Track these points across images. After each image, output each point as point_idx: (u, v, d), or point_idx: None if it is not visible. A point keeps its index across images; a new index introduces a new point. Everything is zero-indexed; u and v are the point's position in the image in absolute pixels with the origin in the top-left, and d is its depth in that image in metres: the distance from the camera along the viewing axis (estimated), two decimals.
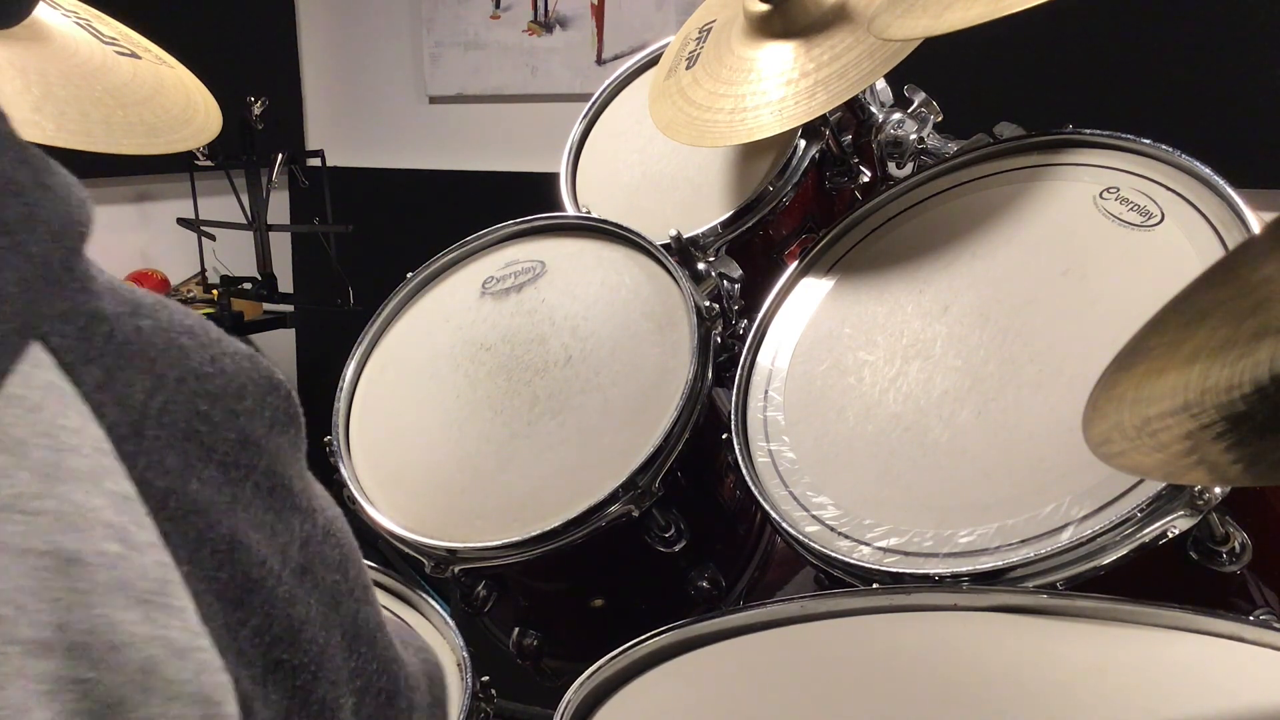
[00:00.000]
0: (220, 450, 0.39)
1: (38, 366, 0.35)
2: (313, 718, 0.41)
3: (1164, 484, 0.77)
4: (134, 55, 1.01)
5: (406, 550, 1.07)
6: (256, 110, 2.62)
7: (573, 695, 0.72)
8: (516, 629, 1.11)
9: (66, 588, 0.33)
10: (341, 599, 0.43)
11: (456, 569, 1.05)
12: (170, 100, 1.00)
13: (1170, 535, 0.78)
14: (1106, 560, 0.79)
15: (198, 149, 2.60)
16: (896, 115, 1.20)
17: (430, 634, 1.05)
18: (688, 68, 1.24)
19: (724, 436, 1.02)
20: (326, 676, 0.41)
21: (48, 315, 0.36)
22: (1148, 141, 0.97)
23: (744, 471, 0.98)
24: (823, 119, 1.22)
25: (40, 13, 0.93)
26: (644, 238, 1.15)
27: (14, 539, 0.33)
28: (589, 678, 0.74)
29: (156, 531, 0.36)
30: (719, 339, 1.10)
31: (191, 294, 3.13)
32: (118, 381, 0.37)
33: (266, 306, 3.15)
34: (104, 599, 0.34)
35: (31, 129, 0.83)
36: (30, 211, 0.37)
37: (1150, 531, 0.78)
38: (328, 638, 0.42)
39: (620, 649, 0.77)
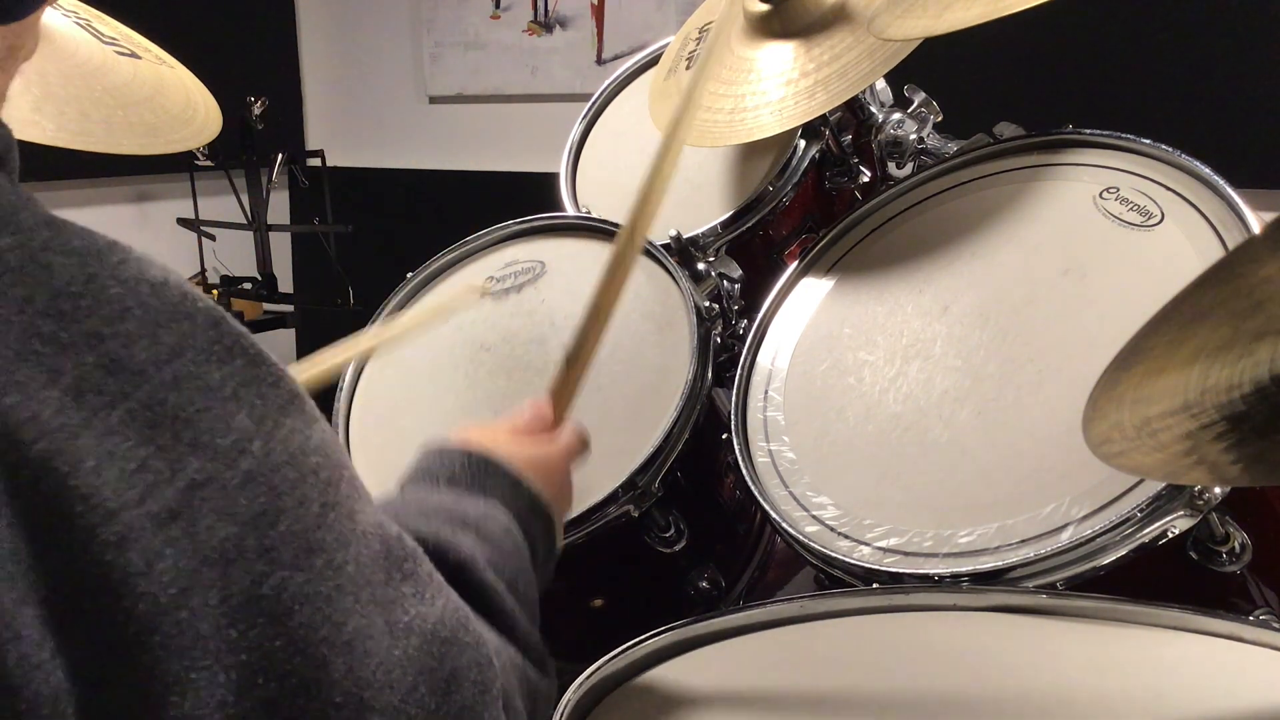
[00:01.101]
0: (73, 374, 0.36)
1: None
2: (139, 684, 0.36)
3: (1164, 484, 0.77)
4: (134, 55, 1.01)
5: None
6: (256, 110, 2.62)
7: (573, 695, 0.72)
8: None
9: None
10: (237, 557, 0.38)
11: None
12: (170, 100, 1.00)
13: (1170, 535, 0.78)
14: (1106, 560, 0.79)
15: (198, 149, 2.61)
16: (896, 115, 1.20)
17: None
18: (688, 68, 1.24)
19: (724, 436, 1.02)
20: (165, 642, 0.36)
21: None
22: (1148, 141, 0.97)
23: (744, 471, 0.98)
24: (823, 119, 1.22)
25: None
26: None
27: None
28: (589, 678, 0.74)
29: None
30: (719, 339, 1.10)
31: None
32: None
33: (266, 306, 3.15)
34: None
35: (31, 129, 0.83)
36: None
37: (1150, 531, 0.78)
38: (184, 598, 0.36)
39: (620, 649, 0.77)
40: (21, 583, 0.34)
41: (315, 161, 2.69)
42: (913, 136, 1.18)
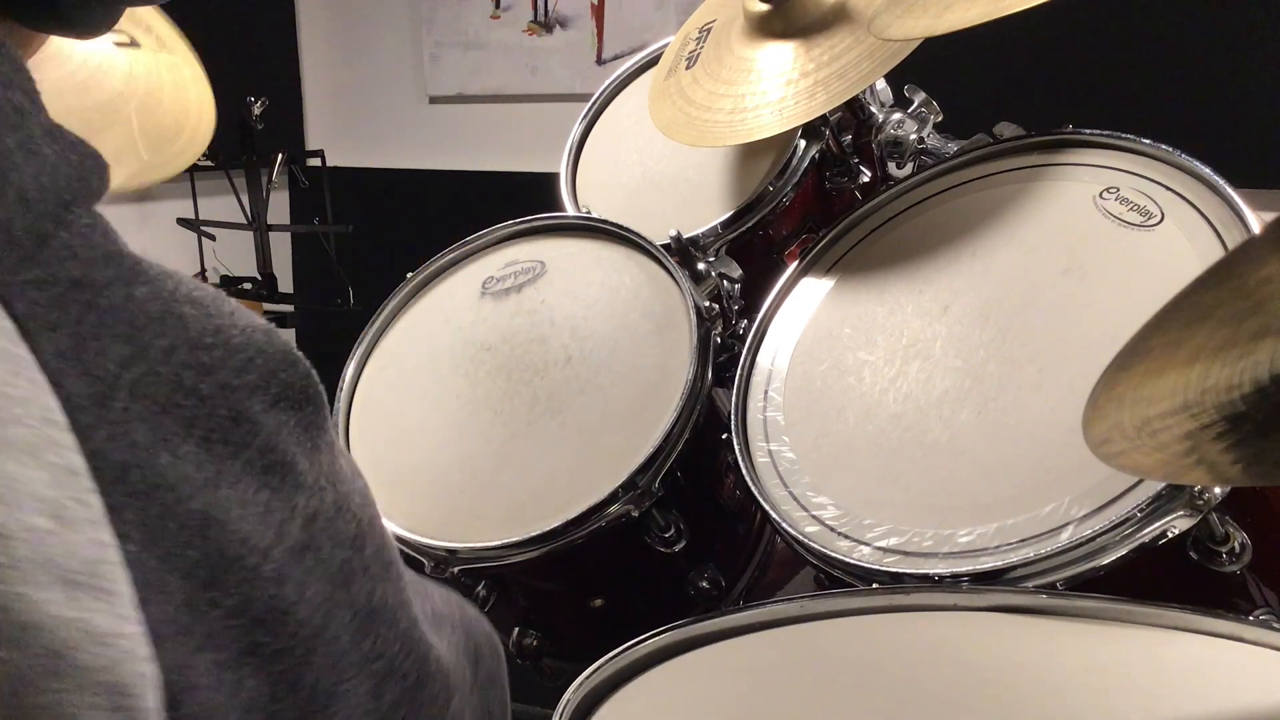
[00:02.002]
0: (205, 425, 0.37)
1: None
2: (303, 705, 0.39)
3: (1164, 484, 0.77)
4: (133, 44, 1.01)
5: (406, 550, 1.06)
6: (256, 110, 2.62)
7: (572, 695, 0.72)
8: (516, 629, 1.11)
9: None
10: (354, 577, 0.41)
11: (456, 569, 1.05)
12: (164, 106, 0.99)
13: (1170, 535, 0.78)
14: (1106, 560, 0.79)
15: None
16: (896, 115, 1.20)
17: None
18: (687, 68, 1.24)
19: (724, 436, 1.02)
20: (321, 661, 0.39)
21: (11, 282, 0.35)
22: (1148, 141, 0.97)
23: (744, 471, 0.98)
24: (823, 119, 1.22)
25: None
26: (644, 238, 1.15)
27: None
28: (589, 678, 0.74)
29: (101, 508, 0.35)
30: (719, 339, 1.10)
31: None
32: (88, 350, 0.36)
33: (266, 306, 3.15)
34: (23, 575, 0.32)
35: None
36: (4, 179, 0.35)
37: (1150, 531, 0.78)
38: (329, 619, 0.40)
39: (620, 649, 0.77)
40: (198, 631, 0.36)
41: (315, 161, 2.69)
42: (913, 136, 1.18)
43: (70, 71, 0.92)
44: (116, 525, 0.35)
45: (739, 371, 1.06)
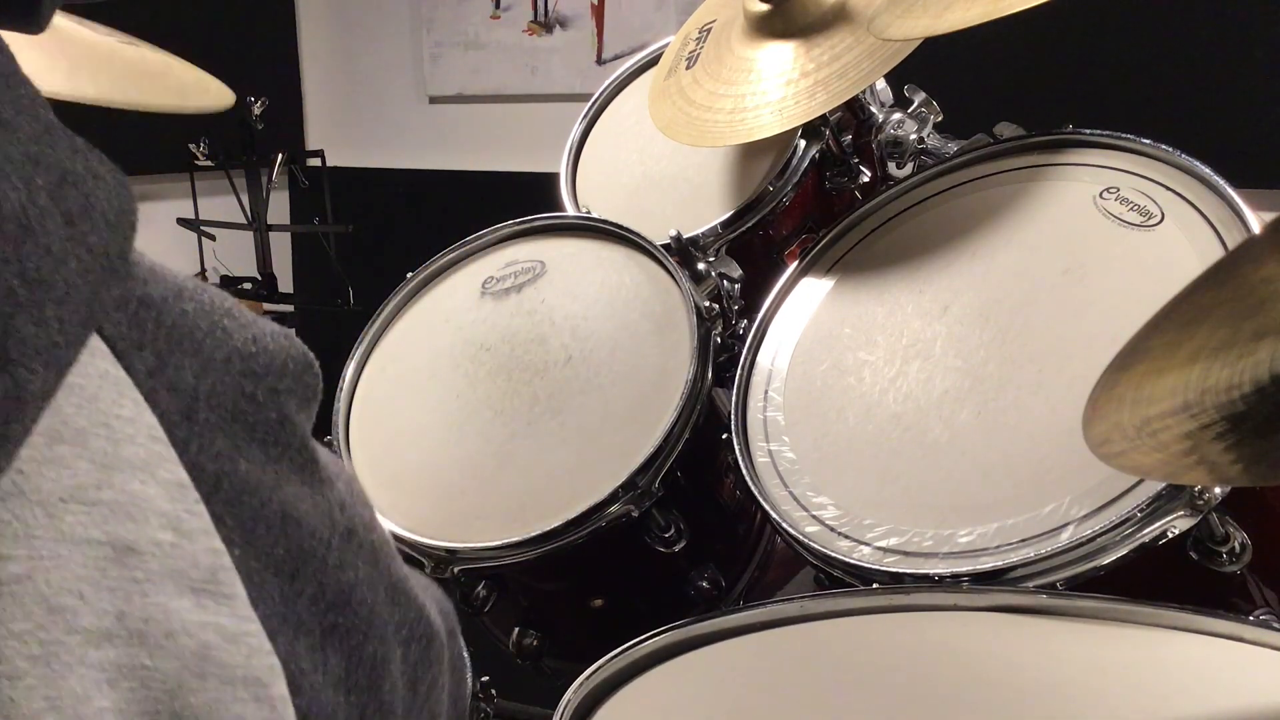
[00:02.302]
0: (262, 429, 0.39)
1: (94, 355, 0.36)
2: (367, 674, 0.42)
3: (1164, 484, 0.77)
4: (131, 44, 1.02)
5: (406, 550, 1.06)
6: (256, 110, 2.62)
7: (572, 695, 0.72)
8: (516, 629, 1.11)
9: (124, 577, 0.34)
10: (379, 556, 0.44)
11: (456, 569, 1.05)
12: (185, 75, 1.01)
13: (1170, 535, 0.78)
14: (1106, 560, 0.79)
15: (199, 150, 2.61)
16: (896, 115, 1.20)
17: None
18: (687, 68, 1.24)
19: (724, 436, 1.02)
20: (376, 633, 0.42)
21: (105, 304, 0.36)
22: (1148, 141, 0.97)
23: (744, 471, 0.98)
24: (823, 119, 1.22)
25: None
26: (644, 238, 1.15)
27: (75, 529, 0.33)
28: (589, 678, 0.74)
29: (209, 517, 0.36)
30: (719, 339, 1.10)
31: None
32: (168, 366, 0.37)
33: (266, 306, 3.14)
34: (159, 587, 0.34)
35: (70, 90, 0.84)
36: (88, 202, 0.36)
37: (1150, 531, 0.78)
38: (374, 596, 0.42)
39: (620, 649, 0.77)
40: (292, 620, 0.38)
41: (315, 161, 2.69)
42: (913, 136, 1.18)
43: (90, 46, 0.94)
44: (221, 532, 0.37)
45: (739, 371, 1.06)
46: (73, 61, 0.89)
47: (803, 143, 1.25)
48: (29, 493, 0.33)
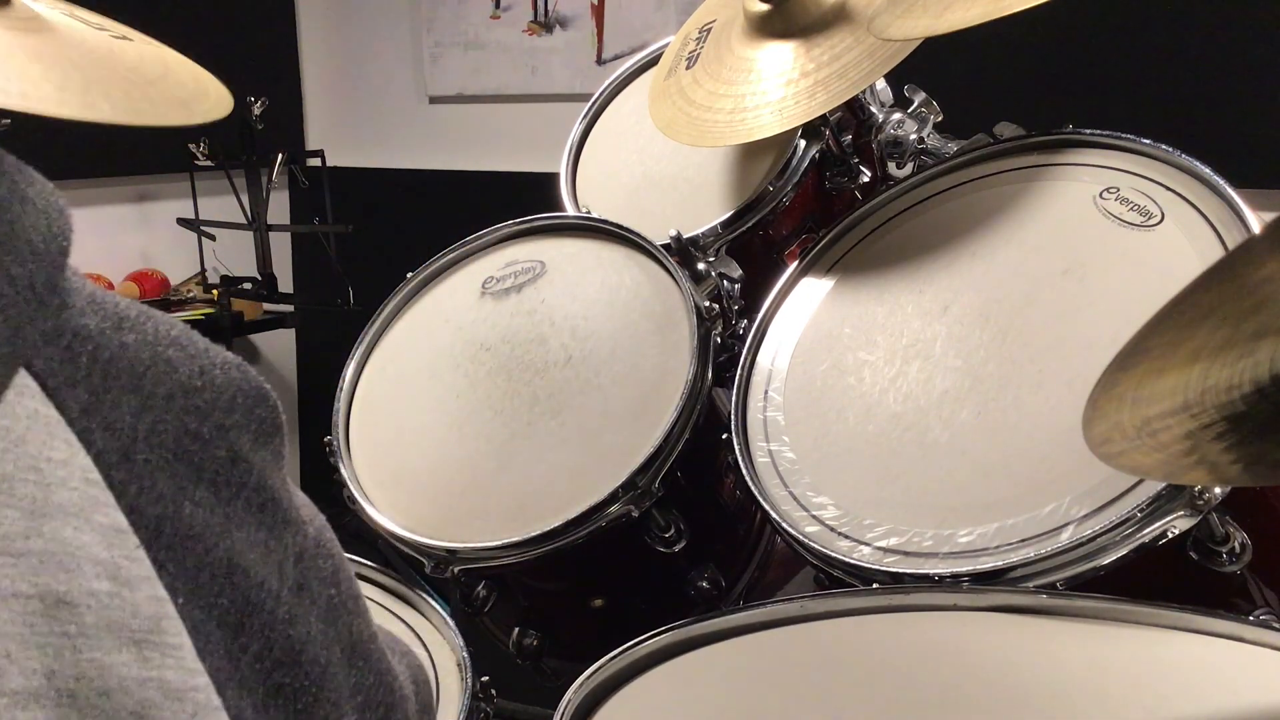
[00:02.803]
0: (210, 469, 0.37)
1: (22, 395, 0.33)
2: None
3: (1164, 484, 0.77)
4: (127, 39, 1.01)
5: (406, 550, 1.07)
6: (256, 110, 2.62)
7: (573, 695, 0.72)
8: (516, 629, 1.11)
9: (55, 631, 0.32)
10: (338, 613, 0.41)
11: (456, 569, 1.05)
12: (183, 78, 1.00)
13: (1170, 535, 0.78)
14: (1106, 560, 0.79)
15: (199, 150, 2.61)
16: (896, 115, 1.20)
17: (430, 634, 1.05)
18: (687, 68, 1.24)
19: (724, 436, 1.02)
20: (328, 696, 0.40)
21: (31, 339, 0.34)
22: (1148, 141, 0.97)
23: (744, 471, 0.98)
24: (823, 119, 1.22)
25: (30, 4, 0.93)
26: (644, 238, 1.15)
27: (1, 583, 0.31)
28: (589, 678, 0.74)
29: (150, 564, 0.34)
30: (719, 339, 1.10)
31: (191, 294, 3.12)
32: (104, 404, 0.35)
33: (266, 306, 3.15)
34: (93, 642, 0.32)
35: (60, 107, 0.83)
36: (11, 230, 0.34)
37: (1150, 531, 0.78)
38: (329, 655, 0.40)
39: (620, 649, 0.77)
40: (236, 677, 0.36)
41: (315, 161, 2.69)
42: (913, 136, 1.18)
43: (89, 50, 0.93)
44: (163, 580, 0.35)
45: (739, 371, 1.06)
46: (65, 75, 0.87)
47: (803, 143, 1.25)
48: None
